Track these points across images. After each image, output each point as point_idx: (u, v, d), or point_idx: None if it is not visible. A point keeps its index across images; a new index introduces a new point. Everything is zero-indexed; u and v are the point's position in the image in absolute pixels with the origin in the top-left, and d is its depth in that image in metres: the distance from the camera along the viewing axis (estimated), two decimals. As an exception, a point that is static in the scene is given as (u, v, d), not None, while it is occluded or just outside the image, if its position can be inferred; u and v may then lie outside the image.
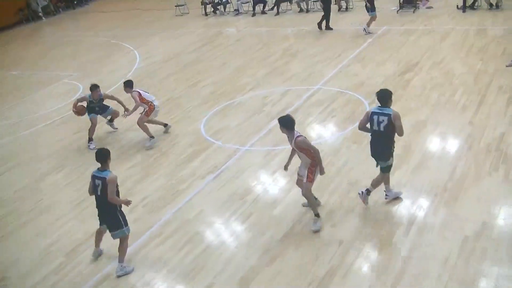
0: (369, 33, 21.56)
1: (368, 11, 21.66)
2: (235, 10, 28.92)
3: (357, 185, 11.44)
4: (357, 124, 13.53)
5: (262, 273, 9.49)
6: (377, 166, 10.52)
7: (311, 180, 10.19)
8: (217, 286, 9.37)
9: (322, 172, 10.28)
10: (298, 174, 10.61)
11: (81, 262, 10.56)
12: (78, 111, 15.40)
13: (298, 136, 10.03)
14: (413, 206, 10.62)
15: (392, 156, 10.38)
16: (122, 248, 9.98)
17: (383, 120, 10.01)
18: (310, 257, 9.67)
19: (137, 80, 17.36)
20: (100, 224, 10.18)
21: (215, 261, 9.96)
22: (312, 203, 10.47)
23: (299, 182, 10.65)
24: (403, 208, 10.58)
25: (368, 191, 10.63)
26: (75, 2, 39.25)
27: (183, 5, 31.00)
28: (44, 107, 19.46)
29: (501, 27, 20.52)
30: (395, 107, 14.52)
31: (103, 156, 9.75)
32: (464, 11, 23.26)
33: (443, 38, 20.01)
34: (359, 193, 10.76)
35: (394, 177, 11.47)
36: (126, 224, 9.91)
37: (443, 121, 13.77)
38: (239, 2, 28.62)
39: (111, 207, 9.68)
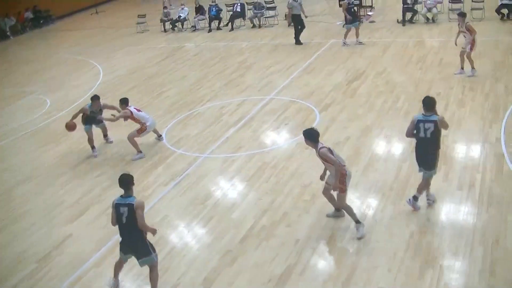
0: (346, 44, 21.52)
1: (346, 23, 21.65)
2: (192, 26, 28.78)
3: (310, 188, 11.50)
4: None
5: (224, 273, 9.42)
6: (419, 171, 10.23)
7: (343, 191, 9.70)
8: (181, 287, 9.26)
9: (334, 188, 9.76)
10: (326, 183, 10.10)
11: (53, 268, 10.34)
12: (69, 127, 14.48)
13: (321, 148, 9.55)
14: (363, 205, 10.68)
15: (436, 166, 10.08)
16: (153, 276, 8.89)
17: (429, 127, 9.77)
18: (269, 257, 9.64)
19: (102, 94, 17.11)
20: (124, 253, 8.97)
21: (179, 263, 9.85)
22: (349, 212, 9.87)
23: (325, 191, 10.15)
24: (353, 207, 10.59)
25: (415, 198, 10.24)
26: (42, 22, 38.55)
27: (143, 22, 30.74)
28: (13, 120, 19.02)
29: (437, 39, 20.86)
30: (344, 114, 14.81)
31: (126, 181, 8.57)
32: (403, 25, 23.57)
33: (385, 49, 20.25)
34: (407, 201, 10.33)
35: (344, 179, 11.56)
36: (154, 251, 8.82)
37: (387, 126, 13.92)
38: (196, 19, 28.50)
39: (139, 233, 8.55)
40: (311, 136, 9.67)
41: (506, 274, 8.41)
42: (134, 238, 8.62)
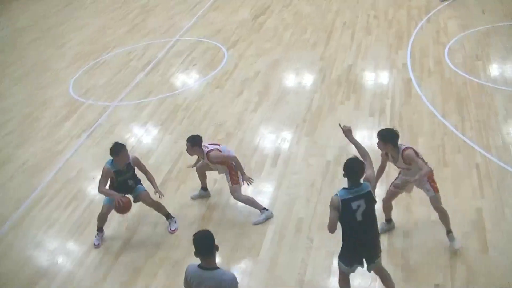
0: None
1: None
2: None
3: (224, 126, 11.49)
4: (218, 69, 13.56)
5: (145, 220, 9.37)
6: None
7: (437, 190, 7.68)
8: (105, 237, 9.15)
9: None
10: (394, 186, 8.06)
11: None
12: (126, 207, 8.61)
13: (405, 148, 7.48)
14: (278, 139, 10.79)
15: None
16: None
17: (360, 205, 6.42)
18: (189, 199, 9.68)
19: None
20: None
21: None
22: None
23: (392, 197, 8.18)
24: (268, 142, 10.73)
25: None
26: None
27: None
28: None
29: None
30: (252, 50, 14.73)
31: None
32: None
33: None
34: None
35: (257, 114, 11.64)
36: None
37: (296, 58, 13.99)
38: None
39: None
40: (392, 137, 7.49)
41: (420, 194, 8.71)
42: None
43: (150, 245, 8.85)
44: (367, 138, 10.30)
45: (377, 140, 7.53)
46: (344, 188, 6.33)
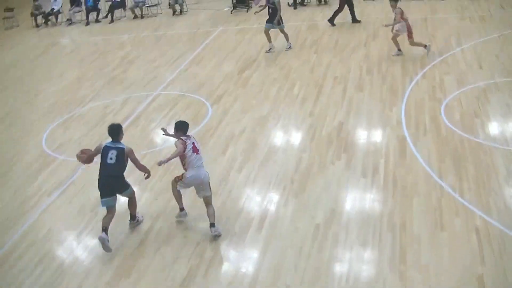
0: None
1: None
2: (67, 20, 27.95)
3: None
4: (201, 125, 13.63)
5: (122, 286, 9.20)
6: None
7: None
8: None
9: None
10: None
11: None
12: (87, 157, 10.62)
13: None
14: (264, 201, 10.75)
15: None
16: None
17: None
18: (169, 261, 9.53)
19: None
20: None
21: (71, 280, 9.52)
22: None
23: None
24: (254, 204, 10.67)
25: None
26: None
27: (11, 17, 29.52)
28: None
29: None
30: (237, 105, 14.83)
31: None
32: (295, 8, 23.95)
33: (277, 34, 20.42)
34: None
35: (242, 174, 11.62)
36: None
37: (284, 115, 14.09)
38: (71, 12, 27.71)
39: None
40: None
41: (416, 260, 8.70)
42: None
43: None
44: (359, 200, 10.31)
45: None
46: None
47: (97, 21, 27.23)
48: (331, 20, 20.77)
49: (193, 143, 10.07)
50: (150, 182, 11.79)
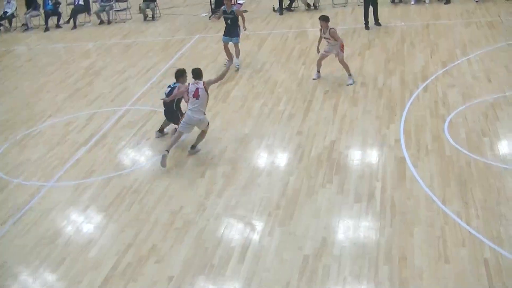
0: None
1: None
2: (23, 25, 27.96)
3: (181, 213, 11.44)
4: (175, 145, 13.62)
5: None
6: None
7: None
8: None
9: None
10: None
11: None
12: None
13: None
14: (246, 229, 10.77)
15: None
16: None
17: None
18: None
19: None
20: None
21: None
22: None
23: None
24: (235, 232, 10.69)
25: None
26: None
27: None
28: None
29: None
30: (217, 122, 14.89)
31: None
32: (281, 14, 24.15)
33: (261, 43, 20.64)
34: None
35: (222, 199, 11.65)
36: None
37: (269, 133, 14.17)
38: (27, 16, 27.72)
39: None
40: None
41: (417, 295, 8.76)
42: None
43: None
44: (352, 228, 10.36)
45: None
46: None
47: (57, 26, 27.23)
48: (376, 23, 21.27)
49: (197, 88, 13.17)
50: (117, 211, 11.83)
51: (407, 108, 14.39)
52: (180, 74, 14.18)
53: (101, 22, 26.90)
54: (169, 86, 14.43)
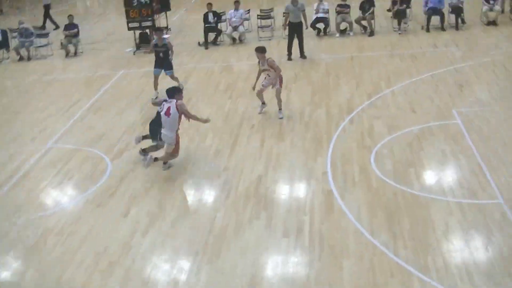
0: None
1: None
2: None
3: (106, 254, 11.27)
4: (99, 184, 13.49)
5: None
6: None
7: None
8: None
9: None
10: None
11: None
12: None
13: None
14: (173, 270, 10.67)
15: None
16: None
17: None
18: None
19: None
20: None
21: None
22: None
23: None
24: (162, 274, 10.58)
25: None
26: None
27: None
28: None
29: (247, 62, 21.73)
30: (140, 160, 14.77)
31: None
32: (206, 48, 24.34)
33: (187, 77, 20.68)
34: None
35: (147, 238, 11.56)
36: None
37: (195, 169, 14.16)
38: None
39: None
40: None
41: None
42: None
43: None
44: (281, 264, 10.37)
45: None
46: None
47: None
48: (302, 55, 21.71)
49: (169, 106, 13.58)
50: (38, 255, 11.60)
51: (333, 140, 14.60)
52: (177, 91, 14.13)
53: (21, 59, 26.45)
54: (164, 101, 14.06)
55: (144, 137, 14.97)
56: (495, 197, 11.73)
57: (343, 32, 24.29)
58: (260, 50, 16.49)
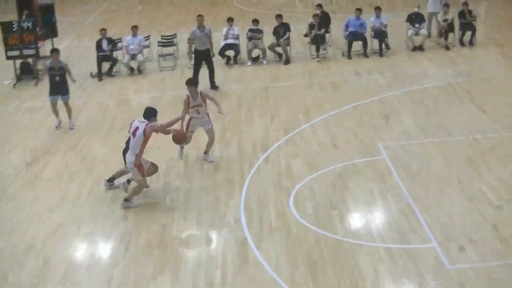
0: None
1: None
2: None
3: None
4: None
5: None
6: None
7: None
8: None
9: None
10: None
11: None
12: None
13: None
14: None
15: None
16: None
17: None
18: None
19: None
20: None
21: None
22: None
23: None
24: None
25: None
26: None
27: None
28: None
29: (147, 94, 21.79)
30: (27, 210, 14.37)
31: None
32: (100, 79, 23.94)
33: (77, 114, 20.25)
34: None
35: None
36: None
37: (88, 220, 13.86)
38: None
39: None
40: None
41: None
42: None
43: None
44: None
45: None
46: None
47: None
48: (213, 86, 21.77)
49: (137, 127, 13.76)
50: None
51: (247, 182, 14.55)
52: (153, 113, 14.15)
53: None
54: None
55: (129, 181, 14.70)
56: (428, 239, 11.90)
57: (255, 60, 24.42)
58: (193, 83, 16.12)
